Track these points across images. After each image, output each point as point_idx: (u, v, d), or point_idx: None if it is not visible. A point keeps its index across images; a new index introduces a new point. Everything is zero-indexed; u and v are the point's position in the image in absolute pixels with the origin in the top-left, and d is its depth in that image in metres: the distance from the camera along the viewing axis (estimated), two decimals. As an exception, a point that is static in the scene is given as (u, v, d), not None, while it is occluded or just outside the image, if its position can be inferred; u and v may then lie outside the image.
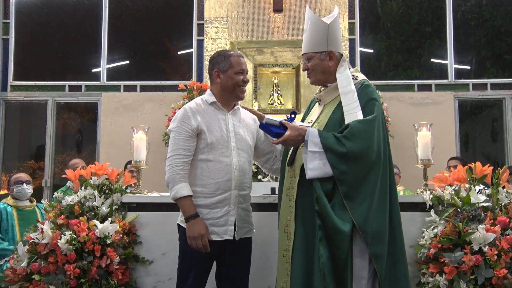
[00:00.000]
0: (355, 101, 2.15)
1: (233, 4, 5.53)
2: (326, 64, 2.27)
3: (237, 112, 2.42)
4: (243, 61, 2.38)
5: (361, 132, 2.06)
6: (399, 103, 5.60)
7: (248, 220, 2.37)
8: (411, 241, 2.62)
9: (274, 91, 5.52)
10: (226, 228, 2.28)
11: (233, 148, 2.30)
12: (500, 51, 6.19)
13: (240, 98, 2.39)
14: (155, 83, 5.93)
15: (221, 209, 2.28)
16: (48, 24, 6.27)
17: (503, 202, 2.57)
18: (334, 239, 2.01)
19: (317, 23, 2.28)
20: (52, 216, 2.73)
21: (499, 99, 5.84)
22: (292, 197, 2.20)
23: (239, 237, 2.30)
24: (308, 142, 2.08)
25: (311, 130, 2.10)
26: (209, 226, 2.26)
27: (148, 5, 6.22)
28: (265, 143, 2.51)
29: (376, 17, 6.24)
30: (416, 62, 6.21)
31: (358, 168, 2.06)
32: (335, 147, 2.05)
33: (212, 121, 2.31)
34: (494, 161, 5.97)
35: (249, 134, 2.40)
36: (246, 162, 2.35)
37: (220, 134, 2.30)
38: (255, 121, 2.48)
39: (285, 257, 2.19)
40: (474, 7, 6.20)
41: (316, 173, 2.05)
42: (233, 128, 2.34)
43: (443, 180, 2.76)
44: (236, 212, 2.30)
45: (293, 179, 2.22)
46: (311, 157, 2.05)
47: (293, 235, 2.14)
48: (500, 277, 2.31)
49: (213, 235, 2.26)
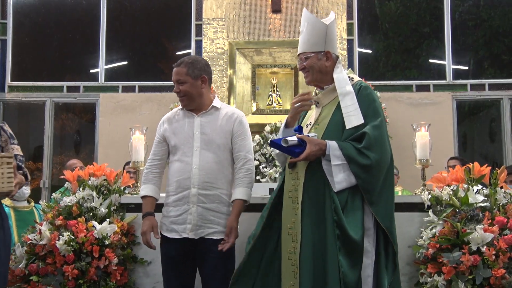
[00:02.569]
0: (355, 103, 2.17)
1: (232, 5, 5.52)
2: (323, 64, 2.28)
3: (211, 113, 2.42)
4: (172, 71, 2.42)
5: (378, 140, 2.12)
6: (398, 103, 5.61)
7: (213, 220, 2.31)
8: (410, 241, 2.63)
9: (272, 91, 5.52)
10: (185, 227, 2.30)
11: (195, 148, 2.34)
12: (498, 51, 6.20)
13: (183, 105, 2.44)
14: (154, 83, 5.93)
15: (181, 207, 2.32)
16: (46, 24, 6.26)
17: (501, 202, 2.57)
18: (350, 249, 2.06)
19: (316, 23, 2.30)
20: (50, 217, 2.73)
21: (497, 100, 5.85)
22: (296, 199, 2.20)
23: (199, 236, 2.29)
24: (330, 156, 2.10)
25: (331, 143, 2.12)
26: (170, 223, 2.34)
27: (147, 6, 6.21)
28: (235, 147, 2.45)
29: (374, 17, 6.25)
30: (414, 62, 6.22)
31: (380, 175, 2.13)
32: (358, 158, 2.09)
33: (179, 125, 2.43)
34: (492, 161, 5.98)
35: (219, 134, 2.38)
36: (212, 161, 2.33)
37: (183, 136, 2.39)
38: (235, 121, 2.41)
39: (290, 260, 2.18)
40: (472, 7, 6.21)
41: (343, 185, 2.11)
42: (199, 129, 2.37)
43: (441, 180, 2.77)
44: (196, 211, 2.29)
45: (296, 181, 2.22)
46: (336, 170, 2.10)
47: (299, 237, 2.13)
48: (498, 277, 2.32)
49: (173, 232, 2.33)
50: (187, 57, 2.46)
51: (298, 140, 2.13)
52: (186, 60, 2.40)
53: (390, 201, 2.18)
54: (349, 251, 2.06)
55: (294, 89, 5.48)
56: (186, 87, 2.39)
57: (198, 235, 2.29)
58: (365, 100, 2.19)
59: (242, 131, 2.41)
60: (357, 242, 2.06)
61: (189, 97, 2.40)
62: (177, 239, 2.31)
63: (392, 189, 2.21)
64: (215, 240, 2.30)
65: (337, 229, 2.06)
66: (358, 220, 2.10)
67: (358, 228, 2.08)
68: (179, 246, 2.32)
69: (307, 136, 2.15)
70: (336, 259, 2.04)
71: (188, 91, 2.39)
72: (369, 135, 2.10)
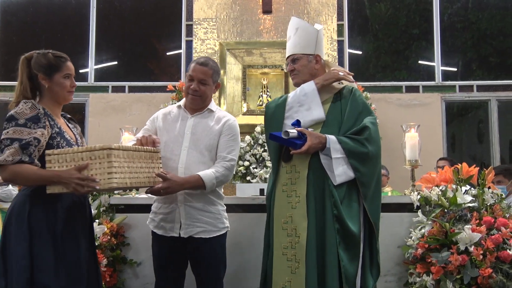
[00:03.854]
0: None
1: (222, 5, 5.52)
2: (312, 67, 2.34)
3: (205, 115, 2.41)
4: (196, 68, 2.35)
5: (376, 137, 2.23)
6: (387, 104, 5.65)
7: (201, 219, 2.30)
8: (399, 241, 2.64)
9: (263, 92, 5.52)
10: (173, 225, 2.30)
11: (183, 148, 2.34)
12: (485, 53, 6.28)
13: (191, 105, 2.41)
14: (144, 84, 5.89)
15: (169, 205, 2.32)
16: (35, 23, 6.20)
17: (488, 203, 2.60)
18: (349, 243, 2.11)
19: (307, 28, 2.37)
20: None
21: (484, 101, 5.92)
22: (294, 192, 2.21)
23: (188, 235, 2.28)
24: (331, 149, 2.15)
25: (330, 137, 2.18)
26: (160, 221, 2.33)
27: (137, 5, 6.18)
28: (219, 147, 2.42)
29: (364, 19, 6.29)
30: (403, 63, 6.27)
31: (376, 170, 2.22)
32: (357, 149, 2.17)
33: (173, 123, 2.41)
34: (480, 161, 6.05)
35: (208, 135, 2.36)
36: (198, 161, 2.31)
37: (174, 134, 2.38)
38: (226, 123, 2.38)
39: (285, 255, 2.18)
40: (460, 10, 6.28)
41: (343, 178, 2.16)
42: (190, 130, 2.37)
43: (430, 181, 2.79)
44: (184, 210, 2.29)
45: (294, 174, 2.23)
46: (336, 164, 2.15)
47: (304, 231, 2.15)
48: (485, 276, 2.34)
49: (161, 230, 2.32)
50: (209, 58, 2.44)
51: (298, 133, 2.16)
52: (211, 63, 2.39)
53: (379, 198, 2.26)
54: (348, 245, 2.11)
55: (284, 90, 5.49)
56: (206, 89, 2.38)
57: (187, 234, 2.29)
58: (359, 100, 2.31)
59: (229, 133, 2.38)
60: (356, 236, 2.12)
61: (203, 98, 2.40)
62: (166, 238, 2.31)
63: (380, 187, 2.29)
64: (205, 239, 2.30)
65: (336, 223, 2.11)
66: (356, 215, 2.16)
67: (356, 222, 2.14)
68: (169, 245, 2.32)
69: (307, 130, 2.18)
70: (336, 253, 2.08)
71: (206, 93, 2.39)
72: (370, 129, 2.20)
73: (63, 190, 1.89)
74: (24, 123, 1.94)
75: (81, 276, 1.99)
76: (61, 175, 1.87)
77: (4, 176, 1.95)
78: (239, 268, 2.61)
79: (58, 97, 2.08)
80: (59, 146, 1.99)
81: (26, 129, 1.93)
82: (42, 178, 1.90)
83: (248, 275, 2.60)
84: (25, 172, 1.90)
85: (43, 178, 1.90)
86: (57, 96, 2.08)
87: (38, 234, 1.91)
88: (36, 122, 1.95)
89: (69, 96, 2.11)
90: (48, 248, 1.91)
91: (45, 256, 1.90)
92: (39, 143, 1.94)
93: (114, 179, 1.87)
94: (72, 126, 2.19)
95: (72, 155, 1.91)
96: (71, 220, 2.00)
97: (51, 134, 1.99)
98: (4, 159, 1.89)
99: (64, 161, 1.90)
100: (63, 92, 2.08)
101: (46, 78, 2.05)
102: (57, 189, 1.90)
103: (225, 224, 2.37)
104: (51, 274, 1.89)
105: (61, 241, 1.94)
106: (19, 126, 1.93)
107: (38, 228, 1.92)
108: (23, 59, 2.10)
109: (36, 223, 1.92)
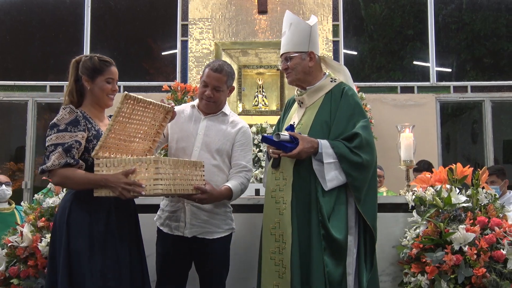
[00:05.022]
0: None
1: (218, 5, 5.51)
2: (306, 65, 2.29)
3: (218, 118, 2.41)
4: (211, 74, 2.33)
5: (369, 141, 2.17)
6: (382, 104, 5.67)
7: (206, 220, 2.30)
8: (394, 241, 2.65)
9: (258, 92, 5.52)
10: (178, 224, 2.30)
11: (195, 148, 2.34)
12: (479, 54, 6.32)
13: (205, 109, 2.40)
14: (139, 84, 5.88)
15: (175, 204, 2.33)
16: (29, 22, 6.16)
17: (482, 203, 2.61)
18: (335, 248, 2.08)
19: (300, 24, 2.32)
20: (32, 218, 2.68)
21: (478, 101, 5.96)
22: (281, 199, 2.20)
23: (192, 235, 2.28)
24: (323, 154, 2.11)
25: (323, 142, 2.14)
26: (166, 218, 2.35)
27: (132, 5, 6.16)
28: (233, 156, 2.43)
29: (359, 19, 6.30)
30: (398, 64, 6.29)
31: (369, 174, 2.18)
32: (350, 157, 2.12)
33: (186, 122, 2.41)
34: (474, 162, 6.08)
35: (221, 139, 2.36)
36: (208, 163, 2.31)
37: (187, 133, 2.37)
38: (240, 130, 2.40)
39: (273, 260, 2.18)
40: (455, 11, 6.31)
41: (334, 183, 2.12)
42: (203, 131, 2.36)
43: (425, 181, 2.80)
44: (189, 210, 2.29)
45: (281, 181, 2.22)
46: (328, 169, 2.11)
47: (289, 237, 2.13)
48: (479, 275, 2.35)
49: (166, 228, 2.33)
50: (224, 63, 2.40)
51: (290, 137, 2.14)
52: (226, 69, 2.36)
53: (375, 200, 2.23)
54: (333, 251, 2.07)
55: (280, 90, 5.49)
56: (220, 95, 2.37)
57: (191, 234, 2.29)
58: (351, 100, 2.23)
59: (244, 141, 2.39)
60: (341, 242, 2.08)
61: (217, 104, 2.40)
62: (171, 236, 2.31)
63: (376, 188, 2.26)
64: (209, 240, 2.30)
65: (322, 229, 2.08)
66: (343, 219, 2.12)
67: (342, 227, 2.10)
68: (173, 243, 2.32)
69: (299, 134, 2.16)
70: (321, 258, 2.06)
71: (220, 99, 2.39)
72: (361, 136, 2.14)
73: (109, 193, 1.95)
74: (65, 128, 2.01)
75: (121, 276, 2.01)
76: (109, 179, 1.93)
77: (56, 180, 2.02)
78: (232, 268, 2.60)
79: (99, 100, 2.13)
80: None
81: (67, 133, 2.00)
82: (90, 182, 1.97)
83: (244, 276, 2.59)
84: (75, 176, 1.98)
85: (91, 181, 1.97)
86: (97, 99, 2.13)
87: (75, 235, 1.97)
88: (75, 125, 2.02)
89: (109, 100, 2.16)
90: (85, 248, 1.96)
91: (81, 257, 1.95)
92: (80, 145, 2.01)
93: (159, 185, 1.91)
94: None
95: (120, 159, 1.96)
96: (112, 222, 2.04)
97: (87, 137, 2.04)
98: (51, 164, 1.97)
99: (112, 165, 1.96)
100: (103, 95, 2.13)
101: (89, 81, 2.11)
102: (104, 192, 1.96)
103: (230, 226, 2.37)
104: (87, 274, 1.93)
105: (98, 242, 1.99)
106: (60, 131, 2.00)
107: (77, 228, 1.98)
108: (73, 62, 2.17)
109: (75, 225, 1.98)
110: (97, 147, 1.97)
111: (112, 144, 2.02)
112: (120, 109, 1.97)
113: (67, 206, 2.02)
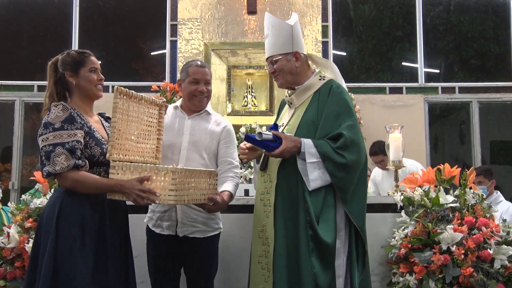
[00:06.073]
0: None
1: (207, 6, 5.50)
2: (293, 65, 2.26)
3: (202, 117, 2.43)
4: (199, 70, 2.38)
5: (354, 141, 2.10)
6: (371, 105, 5.70)
7: (197, 219, 2.31)
8: (382, 241, 2.66)
9: (248, 92, 5.52)
10: (169, 224, 2.31)
11: (183, 148, 2.34)
12: (467, 55, 6.39)
13: (197, 107, 2.41)
14: (128, 84, 5.83)
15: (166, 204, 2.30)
16: (16, 21, 6.08)
17: (470, 203, 2.64)
18: (323, 250, 2.04)
19: (281, 25, 2.29)
20: (19, 219, 2.65)
21: (466, 102, 6.02)
22: (268, 201, 2.18)
23: (183, 234, 2.29)
24: (305, 153, 2.07)
25: (306, 141, 2.09)
26: (157, 219, 2.34)
27: (121, 5, 6.12)
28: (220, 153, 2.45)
29: (348, 20, 6.34)
30: (387, 65, 6.34)
31: (355, 174, 2.12)
32: (334, 157, 2.07)
33: (171, 123, 2.40)
34: (462, 162, 6.15)
35: (208, 137, 2.38)
36: (196, 162, 2.32)
37: (173, 134, 2.37)
38: (224, 128, 2.42)
39: (260, 263, 2.16)
40: (443, 12, 6.38)
41: (318, 183, 2.07)
42: (189, 130, 2.37)
43: (413, 181, 2.82)
44: (180, 209, 2.29)
45: (268, 183, 2.21)
46: (311, 168, 2.07)
47: (272, 240, 2.12)
48: (466, 275, 2.37)
49: (158, 228, 2.33)
50: (200, 60, 2.50)
51: (273, 136, 2.11)
52: (206, 64, 2.46)
53: (363, 200, 2.18)
54: (322, 253, 2.04)
55: (269, 91, 5.50)
56: (211, 88, 2.44)
57: (182, 233, 2.29)
58: (338, 99, 2.18)
59: (229, 139, 2.42)
60: (329, 244, 2.04)
61: (209, 98, 2.44)
62: (162, 236, 2.31)
63: (365, 189, 2.22)
64: (199, 239, 2.30)
65: (310, 230, 2.05)
66: (331, 221, 2.08)
67: (330, 229, 2.06)
68: (165, 243, 2.32)
69: (283, 133, 2.14)
70: (309, 260, 2.02)
71: (211, 93, 2.45)
72: (345, 136, 2.08)
73: (122, 198, 1.91)
74: (61, 126, 1.93)
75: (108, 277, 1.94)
76: (124, 185, 1.88)
77: (67, 184, 1.93)
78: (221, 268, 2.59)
79: (87, 93, 2.08)
80: (87, 146, 1.98)
81: (64, 131, 1.93)
82: (105, 187, 1.92)
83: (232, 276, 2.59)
84: (87, 181, 1.92)
85: (105, 187, 1.92)
86: (85, 91, 2.07)
87: (66, 234, 1.88)
88: (71, 123, 1.95)
89: (98, 91, 2.10)
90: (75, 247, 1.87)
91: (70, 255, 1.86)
92: (82, 145, 1.95)
93: (174, 196, 1.89)
94: (108, 125, 2.17)
95: (137, 165, 1.93)
96: (104, 221, 1.98)
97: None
98: (60, 167, 1.89)
99: (128, 169, 1.92)
100: (91, 86, 2.07)
101: (73, 75, 2.05)
102: (117, 196, 1.92)
103: (219, 225, 2.39)
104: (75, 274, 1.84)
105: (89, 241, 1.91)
106: (56, 130, 1.93)
107: (67, 226, 1.89)
108: (50, 64, 2.12)
109: (65, 221, 1.89)
110: (108, 148, 1.93)
111: (121, 144, 1.98)
112: (117, 104, 1.94)
113: (58, 202, 1.92)
